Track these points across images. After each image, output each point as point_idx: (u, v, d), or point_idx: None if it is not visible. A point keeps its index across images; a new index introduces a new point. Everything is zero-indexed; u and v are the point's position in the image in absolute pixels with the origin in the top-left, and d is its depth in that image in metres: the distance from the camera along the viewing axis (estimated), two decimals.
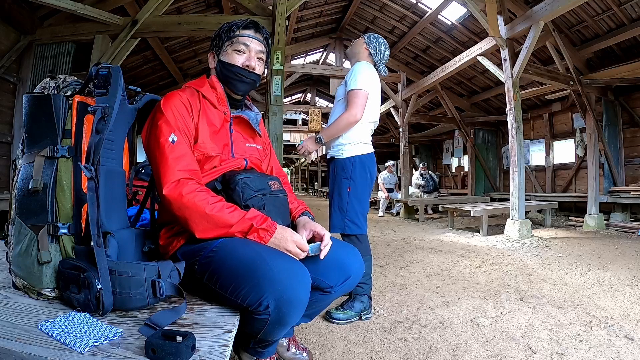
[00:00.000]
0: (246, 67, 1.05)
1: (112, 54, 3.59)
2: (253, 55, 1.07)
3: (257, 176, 1.02)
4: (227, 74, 1.06)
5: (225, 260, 0.84)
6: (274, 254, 0.84)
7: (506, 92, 4.54)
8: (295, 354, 1.28)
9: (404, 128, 7.67)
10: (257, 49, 1.08)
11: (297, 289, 0.79)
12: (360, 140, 1.84)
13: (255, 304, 0.77)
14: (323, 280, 0.98)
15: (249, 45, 1.06)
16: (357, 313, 1.76)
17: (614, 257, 3.24)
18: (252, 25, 1.08)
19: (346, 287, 1.03)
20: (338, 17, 8.07)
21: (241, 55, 1.06)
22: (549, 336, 1.59)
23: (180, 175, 0.88)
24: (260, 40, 1.08)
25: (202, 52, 6.67)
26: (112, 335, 0.64)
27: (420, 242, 4.23)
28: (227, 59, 1.05)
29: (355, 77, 1.81)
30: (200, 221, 0.87)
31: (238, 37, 1.05)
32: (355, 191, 1.80)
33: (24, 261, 0.77)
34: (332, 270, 0.98)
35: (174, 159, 0.90)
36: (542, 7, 3.99)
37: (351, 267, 1.01)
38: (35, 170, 0.76)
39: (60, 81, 0.86)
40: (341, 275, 1.00)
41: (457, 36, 6.85)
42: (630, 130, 5.92)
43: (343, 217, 1.79)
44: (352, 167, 1.80)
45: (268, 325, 0.81)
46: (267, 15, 3.64)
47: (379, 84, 1.95)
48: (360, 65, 1.88)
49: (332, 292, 1.00)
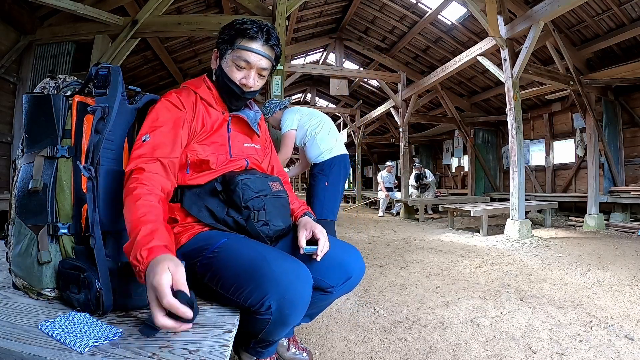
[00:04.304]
0: (242, 85, 0.98)
1: (112, 54, 3.59)
2: (254, 73, 0.98)
3: (258, 177, 1.00)
4: (223, 85, 1.02)
5: (227, 260, 0.83)
6: (276, 254, 0.83)
7: (506, 92, 4.54)
8: (295, 354, 1.28)
9: (404, 128, 7.67)
10: (260, 66, 0.98)
11: (299, 289, 0.79)
12: (329, 147, 2.38)
13: (257, 304, 0.77)
14: (324, 280, 0.96)
15: (250, 62, 0.96)
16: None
17: (614, 257, 3.24)
18: (260, 36, 0.96)
19: (347, 288, 1.01)
20: (338, 17, 8.07)
21: (240, 71, 0.98)
22: (549, 336, 1.59)
23: (132, 166, 0.82)
24: (265, 56, 0.98)
25: (202, 52, 6.67)
26: (112, 335, 0.64)
27: (420, 242, 4.23)
28: (227, 70, 0.99)
29: (283, 124, 2.36)
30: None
31: (241, 49, 0.95)
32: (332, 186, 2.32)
33: (24, 261, 0.77)
34: (333, 270, 0.97)
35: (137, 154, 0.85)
36: (542, 7, 3.99)
37: (352, 268, 1.00)
38: (35, 170, 0.76)
39: (60, 81, 0.86)
40: (342, 275, 0.98)
41: (457, 36, 6.85)
42: (630, 130, 5.92)
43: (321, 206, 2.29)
44: (329, 167, 2.35)
45: (270, 326, 0.81)
46: (267, 15, 3.64)
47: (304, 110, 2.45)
48: (284, 114, 2.40)
49: (333, 292, 0.99)
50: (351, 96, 11.04)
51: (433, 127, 9.96)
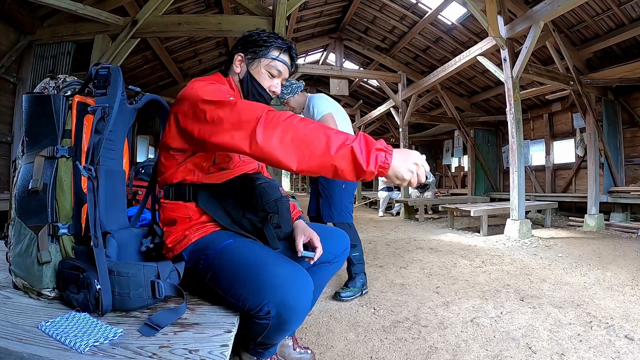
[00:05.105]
0: (272, 92, 1.07)
1: (112, 54, 3.58)
2: (280, 82, 1.09)
3: (271, 182, 1.02)
4: (251, 90, 1.05)
5: (228, 261, 0.83)
6: (278, 259, 0.83)
7: (506, 92, 4.53)
8: (300, 353, 1.29)
9: (404, 128, 7.67)
10: (285, 76, 1.09)
11: (299, 296, 0.79)
12: None
13: (256, 308, 0.77)
14: (329, 252, 1.06)
15: (281, 72, 1.07)
16: (359, 288, 2.17)
17: (614, 257, 3.24)
18: (291, 52, 1.08)
19: (344, 257, 1.16)
20: (338, 17, 8.07)
21: (272, 79, 1.06)
22: (549, 336, 1.59)
23: (265, 108, 0.78)
24: (289, 68, 1.09)
25: (202, 52, 6.67)
26: (112, 335, 0.64)
27: (420, 242, 4.23)
28: (256, 76, 1.05)
29: (317, 107, 2.17)
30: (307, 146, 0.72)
31: (276, 60, 1.05)
32: (349, 187, 2.21)
33: (24, 261, 0.77)
34: (333, 241, 1.10)
35: (246, 104, 0.80)
36: (542, 7, 3.99)
37: (344, 239, 1.16)
38: (35, 170, 0.76)
39: (60, 81, 0.86)
40: (340, 246, 1.13)
41: (457, 36, 6.85)
42: (630, 130, 5.92)
43: (339, 209, 2.19)
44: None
45: (268, 330, 0.81)
46: (267, 15, 3.64)
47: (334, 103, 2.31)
48: (314, 99, 2.24)
49: (336, 262, 1.12)
50: (351, 96, 11.03)
51: (433, 127, 9.96)
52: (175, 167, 0.95)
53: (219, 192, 0.95)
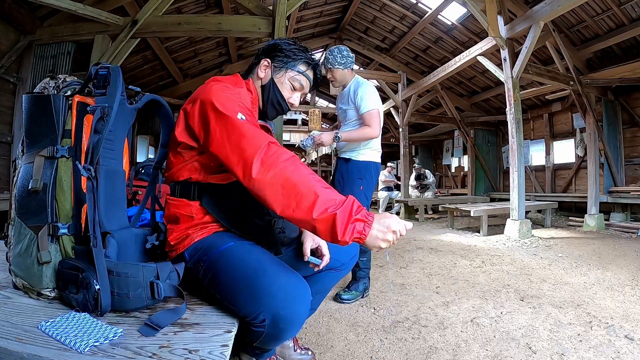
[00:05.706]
0: (290, 104, 1.08)
1: (112, 54, 3.58)
2: (301, 95, 1.10)
3: None
4: (271, 97, 1.05)
5: (227, 266, 0.83)
6: (277, 268, 0.82)
7: (506, 92, 4.53)
8: (301, 354, 1.29)
9: (404, 128, 7.67)
10: (305, 92, 1.12)
11: (295, 306, 0.78)
12: (377, 148, 2.15)
13: (251, 315, 0.77)
14: (336, 260, 1.06)
15: (304, 87, 1.08)
16: (361, 292, 2.13)
17: (614, 257, 3.24)
18: (316, 70, 1.10)
19: (351, 265, 1.15)
20: (338, 17, 8.08)
21: (292, 92, 1.07)
22: (549, 336, 1.59)
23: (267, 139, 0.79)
24: (311, 85, 1.11)
25: (202, 52, 6.68)
26: (112, 335, 0.64)
27: (420, 242, 4.23)
28: (279, 85, 1.05)
29: (366, 98, 2.03)
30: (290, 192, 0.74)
31: (302, 75, 1.06)
32: (366, 190, 2.09)
33: (24, 261, 0.77)
34: (342, 248, 1.08)
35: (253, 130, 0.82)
36: (542, 7, 3.99)
37: (353, 247, 1.13)
38: (35, 170, 0.76)
39: (60, 81, 0.86)
40: (348, 254, 1.11)
41: (457, 36, 6.85)
42: (630, 130, 5.92)
43: None
44: (366, 170, 2.10)
45: (264, 337, 0.81)
46: (267, 15, 3.64)
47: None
48: (364, 86, 2.08)
49: (343, 270, 1.12)
50: None
51: (433, 127, 9.96)
52: (182, 164, 0.94)
53: (223, 192, 0.94)
